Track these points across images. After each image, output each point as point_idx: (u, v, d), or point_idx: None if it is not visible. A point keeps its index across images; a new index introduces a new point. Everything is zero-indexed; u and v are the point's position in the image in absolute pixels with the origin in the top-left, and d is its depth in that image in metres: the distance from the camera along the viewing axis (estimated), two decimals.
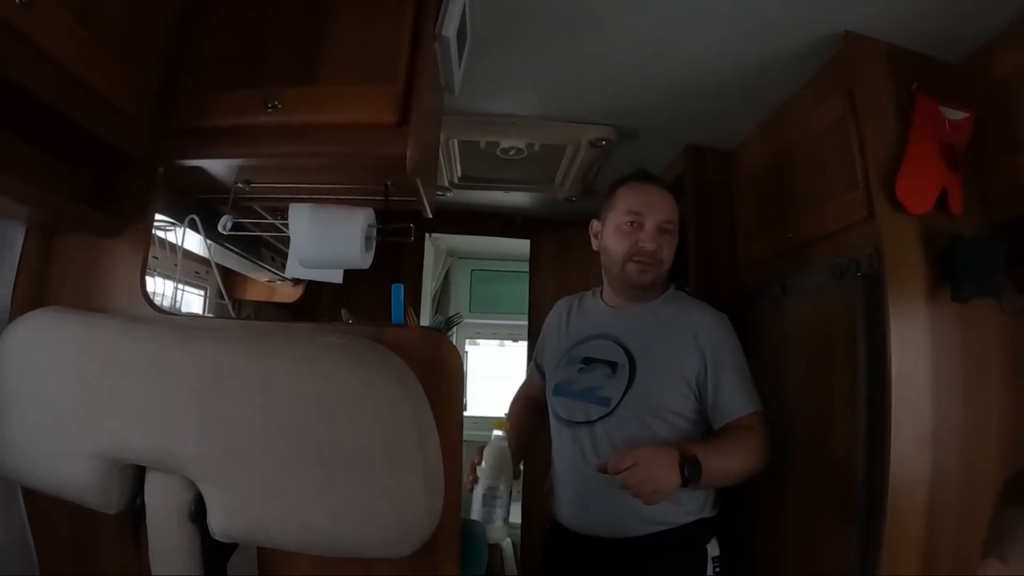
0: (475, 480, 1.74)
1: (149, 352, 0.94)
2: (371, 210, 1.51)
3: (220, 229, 1.54)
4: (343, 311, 2.27)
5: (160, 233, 1.64)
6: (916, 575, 1.50)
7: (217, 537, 0.92)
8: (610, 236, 1.87)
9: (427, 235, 3.83)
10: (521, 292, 3.73)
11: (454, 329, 5.24)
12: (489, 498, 1.72)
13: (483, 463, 1.75)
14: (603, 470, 1.55)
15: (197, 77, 1.38)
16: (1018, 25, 1.55)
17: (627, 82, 2.07)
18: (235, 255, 2.09)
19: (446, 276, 5.23)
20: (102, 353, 0.97)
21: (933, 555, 1.52)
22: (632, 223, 1.82)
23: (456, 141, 2.53)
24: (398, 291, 1.53)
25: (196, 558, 0.96)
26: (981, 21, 1.59)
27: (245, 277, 2.62)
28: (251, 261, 2.20)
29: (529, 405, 2.17)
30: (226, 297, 2.23)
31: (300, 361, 0.92)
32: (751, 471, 1.69)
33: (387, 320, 1.57)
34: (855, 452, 1.59)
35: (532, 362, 2.21)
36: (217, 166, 1.47)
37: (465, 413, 4.18)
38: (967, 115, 1.64)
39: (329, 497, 0.88)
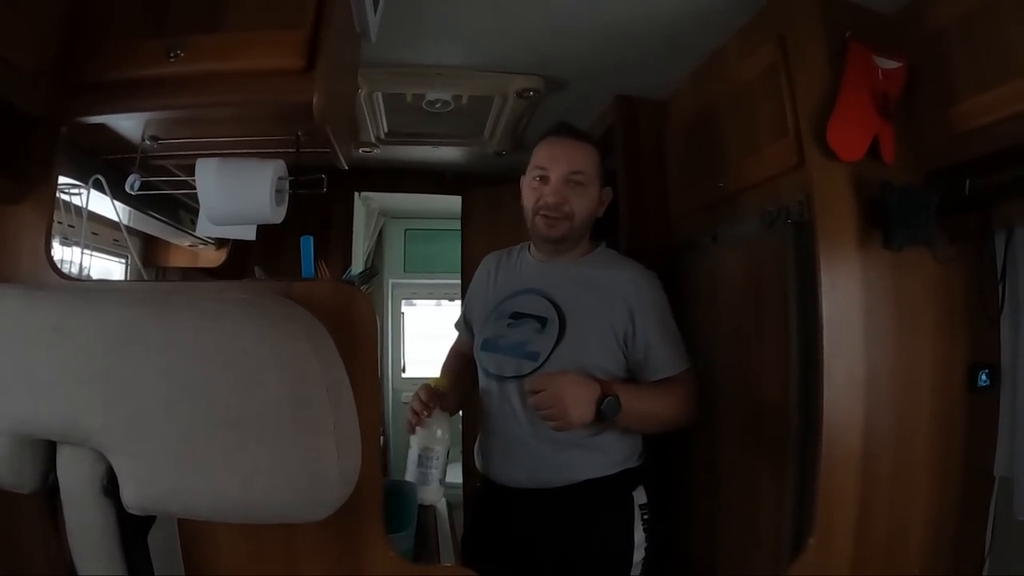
0: (418, 423, 1.72)
1: (51, 319, 0.88)
2: (282, 162, 1.45)
3: (127, 189, 1.46)
4: (256, 268, 2.20)
5: (66, 197, 1.55)
6: (851, 520, 1.53)
7: (130, 510, 0.87)
8: (524, 192, 1.89)
9: (356, 194, 3.74)
10: (455, 251, 3.68)
11: (389, 289, 5.19)
12: (424, 459, 1.71)
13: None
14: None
15: (97, 29, 1.29)
16: None
17: (555, 29, 2.01)
18: (153, 219, 2.00)
19: (379, 237, 5.15)
20: (4, 324, 0.91)
21: (868, 500, 1.55)
22: (539, 177, 1.82)
23: (380, 94, 2.44)
24: (307, 243, 1.48)
25: (113, 533, 0.91)
26: None
27: (167, 243, 2.53)
28: (169, 224, 2.11)
29: (459, 363, 2.14)
30: (139, 262, 2.14)
31: (203, 319, 0.86)
32: (674, 421, 1.74)
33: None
34: (788, 399, 1.61)
35: (460, 318, 2.18)
36: (122, 122, 1.41)
37: (403, 374, 4.20)
38: (900, 65, 1.63)
39: (238, 460, 0.83)
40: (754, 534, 1.77)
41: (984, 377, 1.66)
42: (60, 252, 1.57)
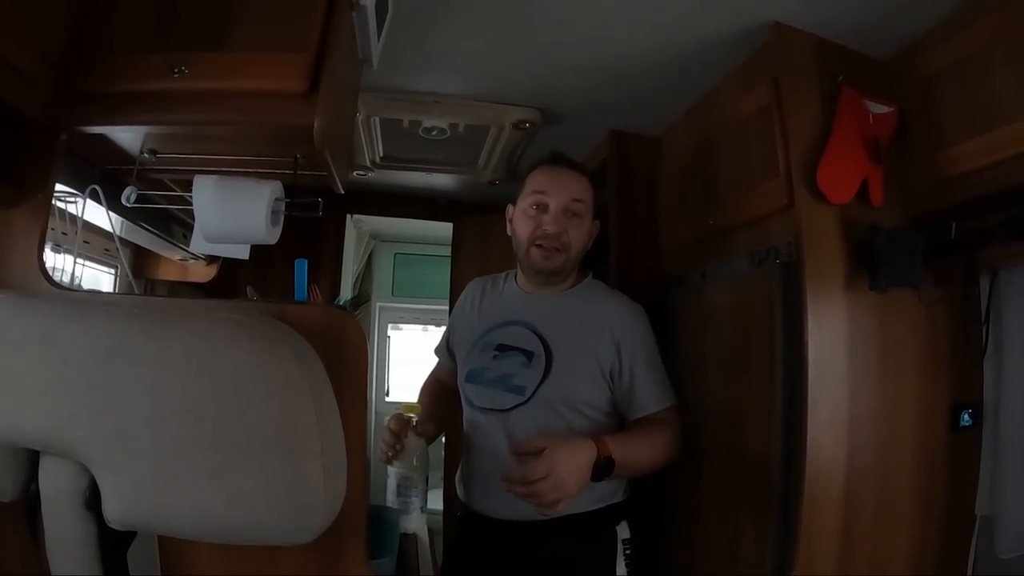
0: (394, 456, 1.70)
1: (40, 328, 0.87)
2: (279, 183, 1.44)
3: (123, 201, 1.46)
4: (248, 288, 2.19)
5: (62, 205, 1.54)
6: (833, 558, 1.53)
7: (112, 525, 0.86)
8: (517, 220, 1.84)
9: (348, 216, 3.75)
10: (444, 276, 3.70)
11: (376, 313, 5.18)
12: (404, 488, 1.69)
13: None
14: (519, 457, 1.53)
15: (103, 40, 1.28)
16: (944, 25, 1.57)
17: (554, 64, 2.03)
18: (145, 231, 1.99)
19: (369, 260, 5.14)
20: None
21: (850, 537, 1.55)
22: (537, 206, 1.78)
23: (378, 119, 2.46)
24: (301, 267, 1.48)
25: (93, 547, 0.89)
26: (908, 20, 1.62)
27: (158, 256, 2.51)
28: (161, 238, 2.10)
29: (439, 389, 2.10)
30: (129, 274, 2.13)
31: (194, 338, 0.86)
32: (660, 464, 1.70)
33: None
34: (772, 438, 1.61)
35: (442, 344, 2.14)
36: (122, 134, 1.39)
37: (387, 399, 4.15)
38: (891, 110, 1.66)
39: (224, 481, 0.82)
40: (736, 569, 1.76)
41: (967, 417, 1.68)
42: (51, 259, 1.56)
